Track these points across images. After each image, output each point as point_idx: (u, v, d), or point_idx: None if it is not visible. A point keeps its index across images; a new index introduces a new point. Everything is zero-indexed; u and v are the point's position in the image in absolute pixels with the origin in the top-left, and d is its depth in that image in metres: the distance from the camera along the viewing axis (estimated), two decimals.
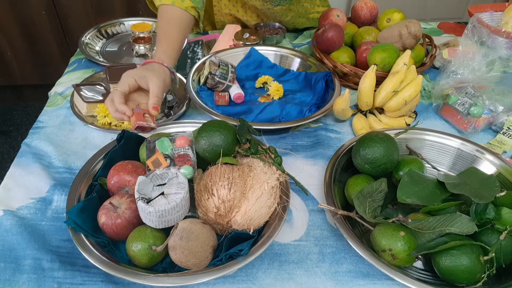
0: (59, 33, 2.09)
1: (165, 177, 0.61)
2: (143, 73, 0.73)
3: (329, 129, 0.90)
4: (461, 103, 0.88)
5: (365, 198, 0.62)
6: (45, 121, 0.90)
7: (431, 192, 0.63)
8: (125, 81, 0.71)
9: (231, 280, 0.61)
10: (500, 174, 0.72)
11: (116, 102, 0.68)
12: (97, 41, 1.23)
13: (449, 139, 0.78)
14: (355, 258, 0.64)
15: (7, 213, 0.69)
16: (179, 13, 0.87)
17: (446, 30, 1.31)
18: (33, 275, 0.60)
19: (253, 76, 1.05)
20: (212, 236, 0.60)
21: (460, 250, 0.56)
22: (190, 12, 0.88)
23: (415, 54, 1.00)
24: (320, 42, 1.03)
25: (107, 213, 0.60)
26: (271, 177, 0.65)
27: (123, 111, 0.68)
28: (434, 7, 2.50)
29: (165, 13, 0.86)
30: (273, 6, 1.13)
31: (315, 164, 0.81)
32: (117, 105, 0.68)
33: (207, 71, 0.95)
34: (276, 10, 1.16)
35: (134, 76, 0.71)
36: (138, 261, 0.58)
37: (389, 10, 1.08)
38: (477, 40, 0.94)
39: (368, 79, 0.85)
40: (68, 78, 1.06)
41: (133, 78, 0.71)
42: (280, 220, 0.62)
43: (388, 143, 0.69)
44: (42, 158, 0.80)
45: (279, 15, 1.20)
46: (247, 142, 0.69)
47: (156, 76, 0.73)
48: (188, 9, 0.87)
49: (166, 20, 0.86)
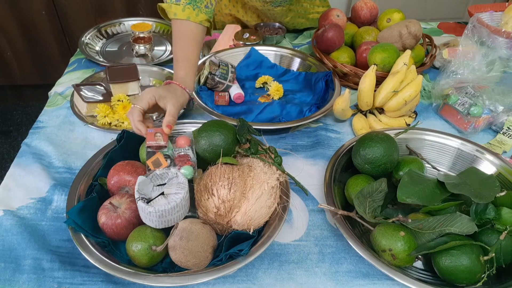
0: (59, 33, 2.09)
1: (165, 177, 0.61)
2: (164, 93, 0.74)
3: (329, 129, 0.90)
4: (461, 103, 0.88)
5: (365, 198, 0.62)
6: (45, 121, 0.90)
7: (431, 192, 0.63)
8: (145, 99, 0.72)
9: (231, 280, 0.61)
10: (500, 174, 0.72)
11: (135, 119, 0.70)
12: (97, 41, 1.23)
13: (449, 139, 0.78)
14: (355, 258, 0.64)
15: (7, 213, 0.69)
16: (194, 28, 0.86)
17: (446, 30, 1.31)
18: (33, 275, 0.60)
19: (253, 76, 1.05)
20: (212, 236, 0.60)
21: (460, 250, 0.56)
22: (205, 25, 0.88)
23: (415, 54, 1.00)
24: (320, 42, 1.03)
25: (107, 213, 0.60)
26: (271, 177, 0.65)
27: (139, 130, 0.70)
28: (434, 7, 2.50)
29: (180, 28, 0.85)
30: (273, 7, 1.14)
31: (315, 164, 0.81)
32: (135, 122, 0.70)
33: (207, 71, 0.95)
34: (276, 11, 1.16)
35: (155, 95, 0.73)
36: (138, 261, 0.58)
37: (389, 10, 1.08)
38: (477, 40, 0.94)
39: (368, 79, 0.85)
40: (68, 78, 1.06)
41: (154, 97, 0.72)
42: (280, 220, 0.62)
43: (388, 143, 0.69)
44: (42, 158, 0.80)
45: (279, 15, 1.20)
46: (247, 142, 0.69)
47: (176, 98, 0.75)
48: (203, 22, 0.86)
49: (182, 37, 0.85)
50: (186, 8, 0.84)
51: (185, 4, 0.84)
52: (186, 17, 0.84)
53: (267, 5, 1.13)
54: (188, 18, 0.84)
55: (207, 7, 0.87)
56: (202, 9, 0.86)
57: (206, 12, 0.86)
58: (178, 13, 0.84)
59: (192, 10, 0.84)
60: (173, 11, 0.84)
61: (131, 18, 1.31)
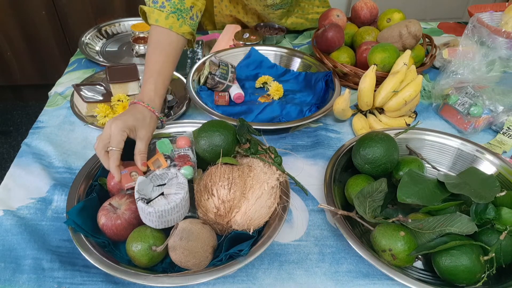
0: (59, 33, 2.09)
1: (165, 177, 0.61)
2: (133, 124, 0.66)
3: (329, 129, 0.90)
4: (461, 103, 0.88)
5: (365, 198, 0.62)
6: (45, 121, 0.90)
7: (431, 192, 0.63)
8: (118, 137, 0.64)
9: (231, 280, 0.61)
10: (500, 174, 0.72)
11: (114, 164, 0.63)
12: (97, 41, 1.23)
13: (449, 139, 0.78)
14: (355, 258, 0.64)
15: (7, 213, 0.69)
16: (175, 40, 0.79)
17: (446, 30, 1.31)
18: (33, 275, 0.60)
19: (253, 76, 1.05)
20: (212, 236, 0.60)
21: (460, 250, 0.56)
22: (187, 37, 0.82)
23: (415, 54, 1.00)
24: (320, 42, 1.03)
25: (106, 214, 0.60)
26: (271, 177, 0.65)
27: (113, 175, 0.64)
28: (434, 7, 2.50)
29: (159, 37, 0.78)
30: (273, 10, 1.13)
31: (315, 164, 0.81)
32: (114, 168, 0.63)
33: (207, 71, 0.95)
34: (277, 14, 1.16)
35: (126, 130, 0.64)
36: (138, 261, 0.58)
37: (389, 10, 1.08)
38: (477, 40, 0.94)
39: (368, 79, 0.85)
40: (68, 78, 1.06)
41: (125, 132, 0.64)
42: (280, 220, 0.62)
43: (388, 143, 0.69)
44: (42, 158, 0.80)
45: (279, 18, 1.20)
46: (247, 142, 0.69)
47: (145, 128, 0.68)
48: (185, 35, 0.81)
49: (159, 47, 0.78)
50: (170, 17, 0.78)
51: (169, 12, 0.78)
52: (168, 26, 0.78)
53: (268, 8, 1.12)
54: (171, 27, 0.78)
55: (192, 19, 0.82)
56: (187, 20, 0.80)
57: (190, 24, 0.81)
58: (161, 20, 0.78)
59: (176, 20, 0.78)
60: (155, 17, 0.78)
61: (131, 18, 1.31)
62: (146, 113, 0.69)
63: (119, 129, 0.64)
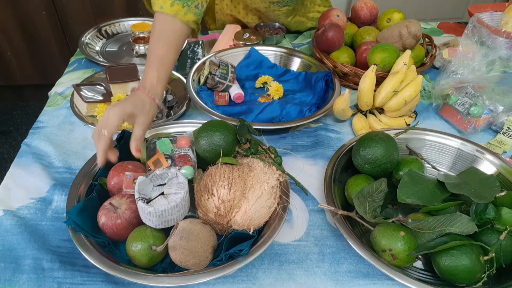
0: (59, 33, 2.09)
1: (165, 177, 0.61)
2: (131, 110, 0.67)
3: (329, 129, 0.90)
4: (461, 103, 0.88)
5: (365, 198, 0.62)
6: (45, 121, 0.90)
7: (431, 192, 0.63)
8: (113, 122, 0.64)
9: (231, 280, 0.61)
10: (500, 174, 0.72)
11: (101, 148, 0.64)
12: (97, 41, 1.23)
13: (449, 139, 0.78)
14: (355, 258, 0.64)
15: (7, 213, 0.69)
16: (179, 28, 0.79)
17: (446, 30, 1.31)
18: (33, 275, 0.60)
19: (253, 76, 1.05)
20: (212, 236, 0.60)
21: (460, 250, 0.56)
22: (191, 26, 0.82)
23: (415, 54, 1.00)
24: (320, 42, 1.03)
25: (107, 213, 0.60)
26: (271, 177, 0.65)
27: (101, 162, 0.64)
28: (434, 7, 2.50)
29: (163, 25, 0.78)
30: (279, 7, 1.13)
31: (315, 164, 0.81)
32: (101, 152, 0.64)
33: (207, 71, 0.95)
34: (282, 11, 1.15)
35: (123, 116, 0.65)
36: (138, 261, 0.58)
37: (389, 10, 1.08)
38: (477, 40, 0.94)
39: (368, 79, 0.85)
40: (68, 78, 1.06)
41: (121, 118, 0.65)
42: (280, 220, 0.62)
43: (388, 143, 0.69)
44: (42, 158, 0.80)
45: (284, 16, 1.20)
46: (247, 142, 0.69)
47: (144, 116, 0.68)
48: (190, 23, 0.80)
49: (163, 35, 0.78)
50: (175, 4, 0.77)
51: None
52: (173, 13, 0.77)
53: (273, 5, 1.12)
54: (176, 14, 0.77)
55: (197, 7, 0.81)
56: (192, 8, 0.80)
57: (195, 13, 0.81)
58: (165, 7, 0.77)
59: (181, 7, 0.78)
60: (160, 3, 0.77)
61: (131, 18, 1.31)
62: (146, 100, 0.70)
63: (115, 114, 0.65)
